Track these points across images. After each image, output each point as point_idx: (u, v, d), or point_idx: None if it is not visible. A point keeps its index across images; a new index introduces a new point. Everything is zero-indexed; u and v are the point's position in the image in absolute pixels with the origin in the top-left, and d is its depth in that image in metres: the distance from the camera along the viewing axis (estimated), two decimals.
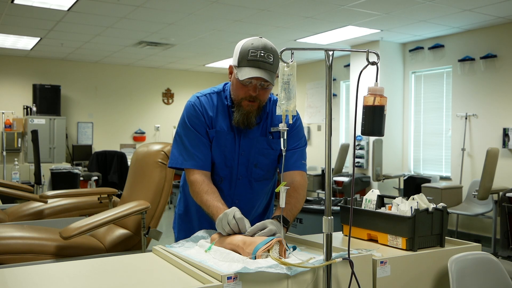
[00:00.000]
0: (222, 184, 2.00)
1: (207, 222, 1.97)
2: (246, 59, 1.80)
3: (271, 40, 1.91)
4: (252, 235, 1.68)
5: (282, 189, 1.63)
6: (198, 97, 1.99)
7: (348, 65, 8.10)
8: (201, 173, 1.93)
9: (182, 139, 1.96)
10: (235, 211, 1.72)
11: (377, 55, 1.49)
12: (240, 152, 1.97)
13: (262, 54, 1.79)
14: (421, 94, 7.47)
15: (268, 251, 1.53)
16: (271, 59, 1.81)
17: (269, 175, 2.07)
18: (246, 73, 1.79)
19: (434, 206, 1.90)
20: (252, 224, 1.74)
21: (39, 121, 8.85)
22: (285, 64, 1.52)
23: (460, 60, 6.67)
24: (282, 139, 1.61)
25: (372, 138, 7.24)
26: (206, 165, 1.94)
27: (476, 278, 1.80)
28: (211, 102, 1.97)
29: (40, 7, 5.68)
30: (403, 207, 1.88)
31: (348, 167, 7.81)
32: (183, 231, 2.12)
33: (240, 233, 1.70)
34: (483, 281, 1.83)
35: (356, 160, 7.76)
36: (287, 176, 1.95)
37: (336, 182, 7.47)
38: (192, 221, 2.11)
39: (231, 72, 1.92)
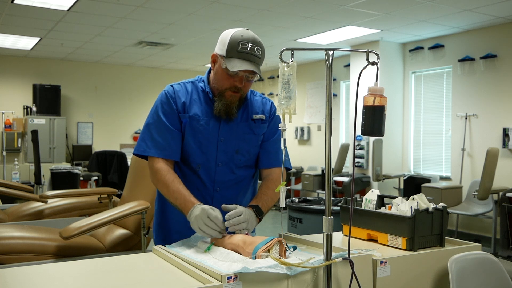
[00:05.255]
0: (200, 171, 1.95)
1: (181, 223, 1.90)
2: (236, 51, 1.81)
3: (271, 40, 1.92)
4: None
5: (282, 189, 1.63)
6: (171, 85, 1.98)
7: (348, 65, 8.10)
8: (165, 162, 1.89)
9: (150, 128, 1.92)
10: (207, 210, 1.70)
11: (377, 55, 1.49)
12: (219, 138, 1.93)
13: (251, 47, 1.81)
14: (421, 94, 7.46)
15: (268, 251, 1.54)
16: (259, 52, 1.84)
17: (250, 162, 2.03)
18: (237, 65, 1.80)
19: (434, 206, 1.90)
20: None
21: (39, 121, 8.85)
22: (285, 64, 1.52)
23: (460, 60, 6.66)
24: (282, 139, 1.60)
25: (372, 138, 7.24)
26: (171, 154, 1.90)
27: (476, 278, 1.80)
28: (185, 90, 1.96)
29: (40, 7, 5.68)
30: (403, 207, 1.88)
31: (348, 167, 7.81)
32: (161, 232, 2.06)
33: (220, 230, 1.70)
34: (483, 281, 1.83)
35: (356, 160, 7.76)
36: (267, 169, 1.99)
37: (336, 182, 7.47)
38: (168, 220, 2.05)
39: (214, 61, 1.92)
